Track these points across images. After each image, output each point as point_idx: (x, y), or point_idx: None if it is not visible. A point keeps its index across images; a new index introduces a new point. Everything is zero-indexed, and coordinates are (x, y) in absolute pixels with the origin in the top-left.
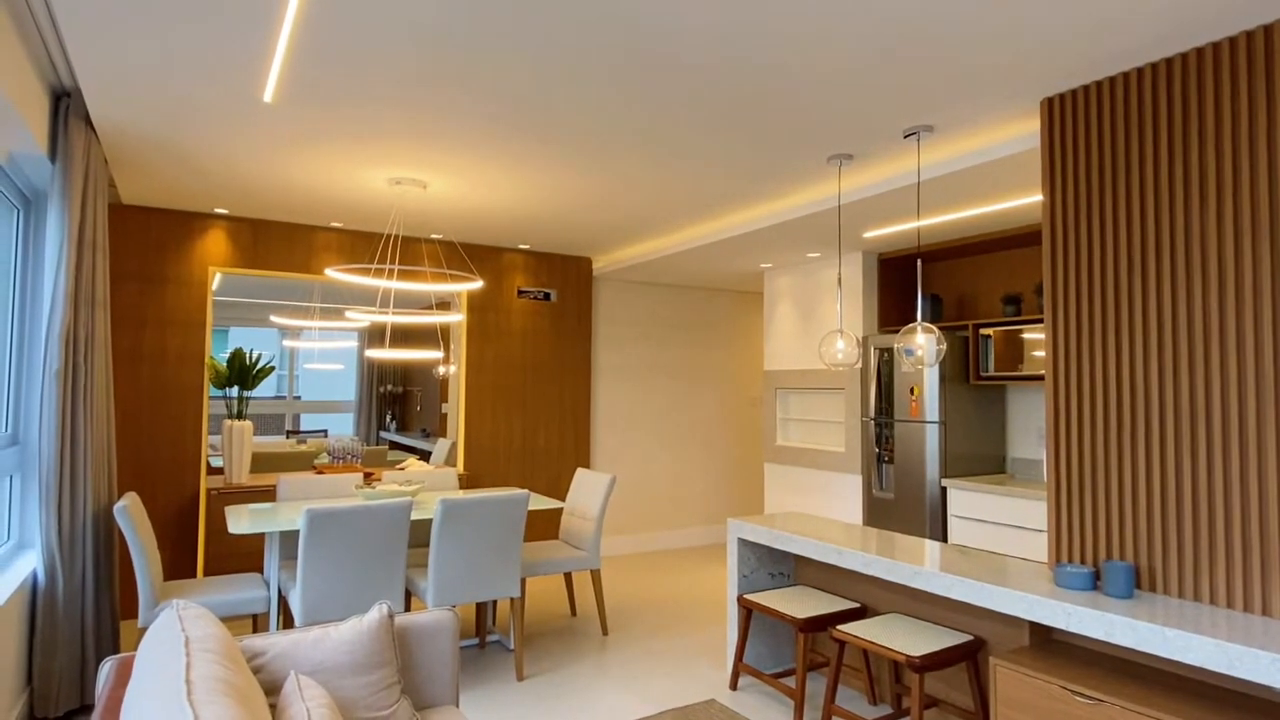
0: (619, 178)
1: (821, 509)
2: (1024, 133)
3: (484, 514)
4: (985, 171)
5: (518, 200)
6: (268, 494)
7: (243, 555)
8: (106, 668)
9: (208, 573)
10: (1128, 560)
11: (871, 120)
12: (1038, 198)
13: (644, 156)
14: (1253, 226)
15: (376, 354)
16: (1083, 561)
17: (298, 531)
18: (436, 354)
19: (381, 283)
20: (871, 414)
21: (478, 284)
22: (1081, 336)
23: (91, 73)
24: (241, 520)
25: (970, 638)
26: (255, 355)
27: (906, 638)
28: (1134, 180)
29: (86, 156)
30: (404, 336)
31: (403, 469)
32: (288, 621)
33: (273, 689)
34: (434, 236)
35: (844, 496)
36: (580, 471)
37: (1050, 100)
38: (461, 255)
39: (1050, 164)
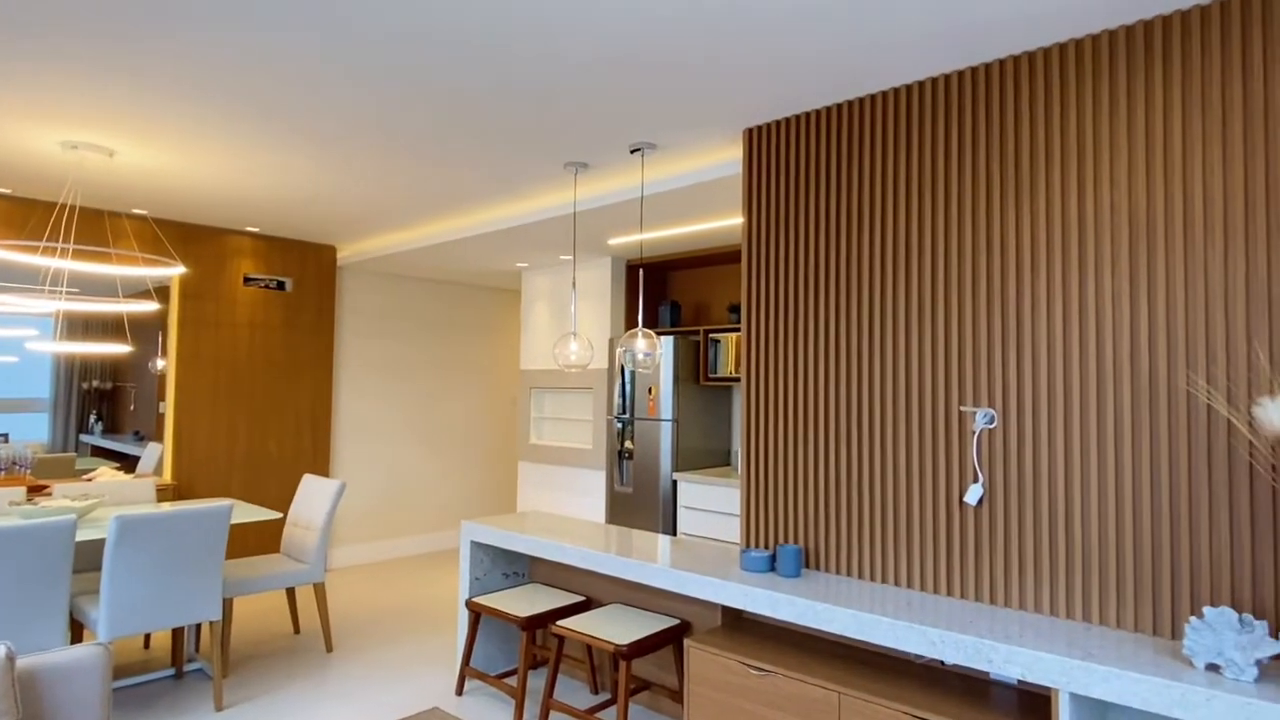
0: (358, 167)
1: (570, 505)
2: (732, 158)
3: (173, 530)
4: (700, 191)
5: (239, 179)
6: None
7: None
8: None
9: None
10: (799, 543)
11: (601, 133)
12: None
13: (384, 148)
14: (894, 253)
15: (43, 347)
16: (765, 546)
17: None
18: (123, 348)
19: (53, 262)
20: (616, 413)
21: (178, 269)
22: (768, 344)
23: None
24: None
25: (676, 622)
26: None
27: (620, 627)
28: (814, 207)
29: None
30: (115, 327)
31: (90, 479)
32: None
33: None
34: (135, 212)
35: (591, 492)
36: (306, 478)
37: (750, 131)
38: (158, 235)
39: (749, 188)
